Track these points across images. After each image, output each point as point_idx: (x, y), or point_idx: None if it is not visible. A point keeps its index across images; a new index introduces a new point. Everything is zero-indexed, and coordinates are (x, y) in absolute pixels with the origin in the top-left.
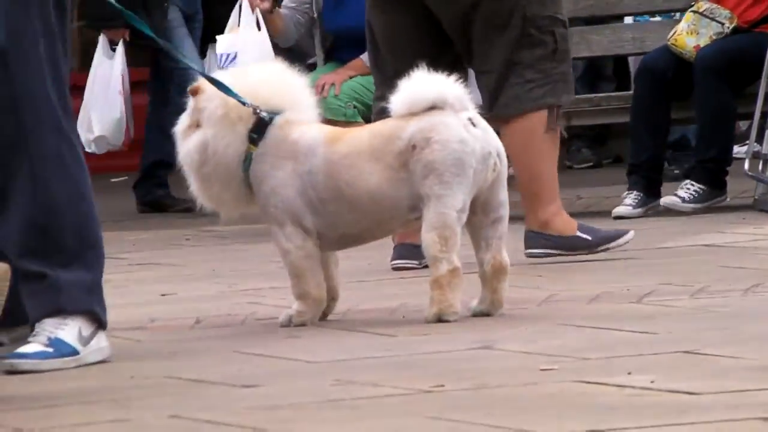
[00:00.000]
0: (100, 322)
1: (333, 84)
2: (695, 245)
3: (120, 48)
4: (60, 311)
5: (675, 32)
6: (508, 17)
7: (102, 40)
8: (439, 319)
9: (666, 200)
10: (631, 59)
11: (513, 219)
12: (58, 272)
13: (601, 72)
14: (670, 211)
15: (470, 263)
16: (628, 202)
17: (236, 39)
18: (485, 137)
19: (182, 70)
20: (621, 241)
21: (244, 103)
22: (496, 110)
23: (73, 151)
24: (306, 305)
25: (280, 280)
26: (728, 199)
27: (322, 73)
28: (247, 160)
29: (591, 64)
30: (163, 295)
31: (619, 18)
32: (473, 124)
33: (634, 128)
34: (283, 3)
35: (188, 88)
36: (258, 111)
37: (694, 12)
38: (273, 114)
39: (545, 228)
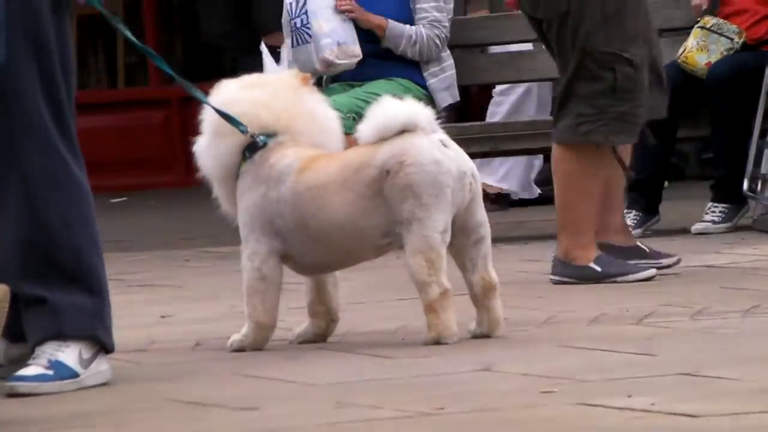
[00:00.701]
0: (102, 346)
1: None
2: (695, 266)
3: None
4: (60, 335)
5: (684, 50)
6: (571, 46)
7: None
8: (438, 343)
9: (698, 227)
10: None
11: (511, 240)
12: (58, 295)
13: None
14: (668, 231)
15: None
16: (628, 223)
17: None
18: (459, 158)
19: None
20: (631, 277)
21: (242, 131)
22: (553, 133)
23: (67, 170)
24: (250, 329)
25: (282, 301)
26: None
27: (332, 97)
28: (238, 174)
29: None
30: (162, 316)
31: None
32: (445, 146)
33: (637, 145)
34: None
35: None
36: (253, 136)
37: (702, 28)
38: (270, 136)
39: (565, 256)
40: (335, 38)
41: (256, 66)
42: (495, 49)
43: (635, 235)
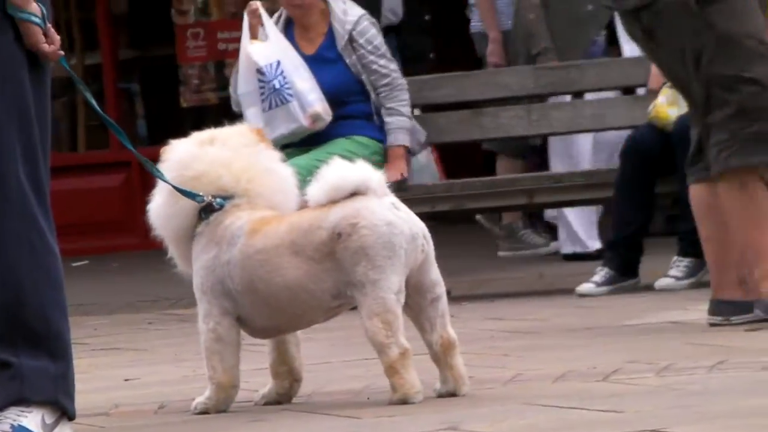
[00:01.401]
0: (64, 411)
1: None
2: (661, 322)
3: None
4: (23, 400)
5: (654, 106)
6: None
7: None
8: (404, 402)
9: (661, 283)
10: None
11: (475, 298)
12: (23, 360)
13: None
14: (635, 289)
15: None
16: (595, 279)
17: (270, 47)
18: (411, 219)
19: None
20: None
21: (198, 201)
22: (692, 173)
23: (42, 237)
24: (212, 391)
25: (245, 363)
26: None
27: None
28: (193, 235)
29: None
30: (126, 380)
31: (579, 95)
32: (396, 208)
33: (616, 205)
34: None
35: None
36: (211, 199)
37: (670, 87)
38: (227, 198)
39: (714, 293)
40: (318, 95)
41: None
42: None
43: (599, 293)
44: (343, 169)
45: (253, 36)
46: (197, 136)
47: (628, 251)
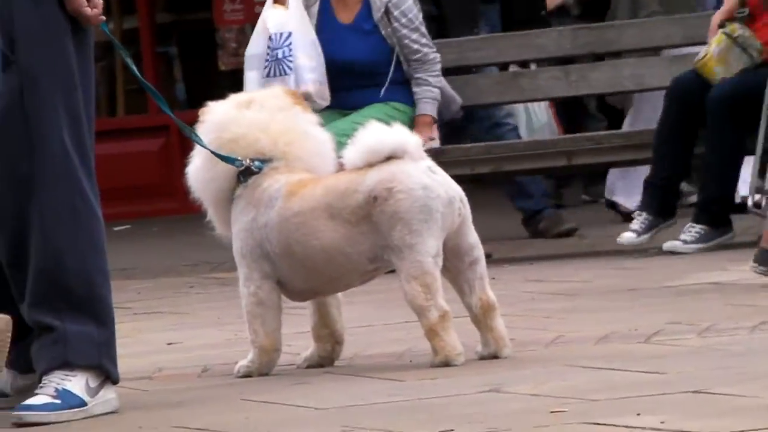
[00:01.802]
0: (108, 375)
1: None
2: (701, 283)
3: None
4: (67, 364)
5: (705, 55)
6: None
7: None
8: (446, 365)
9: (668, 245)
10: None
11: (515, 260)
12: (66, 324)
13: (586, 109)
14: (674, 232)
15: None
16: (634, 227)
17: (288, 17)
18: (447, 183)
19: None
20: None
21: (237, 166)
22: None
23: (86, 202)
24: (255, 355)
25: (287, 326)
26: (734, 237)
27: (329, 123)
28: (233, 198)
29: (574, 101)
30: (169, 344)
31: (618, 54)
32: (433, 172)
33: (656, 148)
34: None
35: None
36: (250, 163)
37: (728, 36)
38: (265, 161)
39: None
40: (318, 76)
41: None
42: None
43: (640, 242)
44: (379, 133)
45: (280, 2)
46: (235, 98)
47: (665, 193)
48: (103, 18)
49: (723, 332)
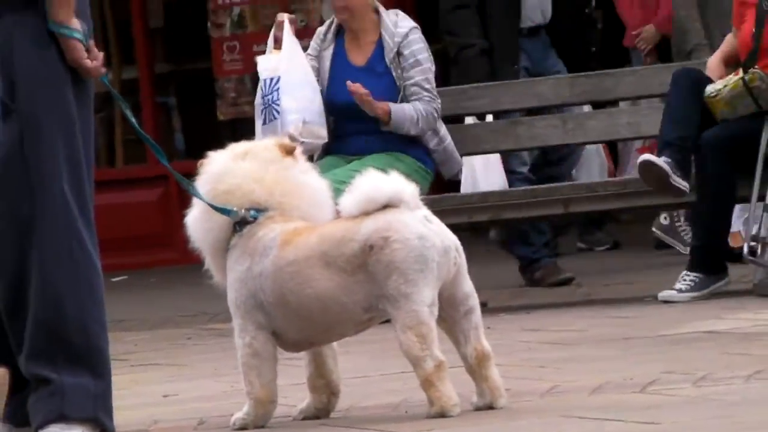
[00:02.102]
0: (104, 428)
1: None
2: (696, 332)
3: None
4: (63, 417)
5: (717, 94)
6: None
7: None
8: (442, 416)
9: (663, 294)
10: (620, 144)
11: (512, 309)
12: (63, 377)
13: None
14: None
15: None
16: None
17: (278, 61)
18: (443, 232)
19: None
20: None
21: (232, 217)
22: None
23: (84, 250)
24: (250, 407)
25: (283, 377)
26: (729, 282)
27: (326, 168)
28: (228, 248)
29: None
30: (165, 396)
31: (615, 103)
32: (428, 221)
33: (664, 123)
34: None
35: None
36: (245, 213)
37: (745, 85)
38: (260, 211)
39: None
40: (302, 116)
41: None
42: None
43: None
44: (376, 181)
45: (278, 48)
46: (232, 150)
47: (681, 151)
48: (104, 71)
49: (719, 381)
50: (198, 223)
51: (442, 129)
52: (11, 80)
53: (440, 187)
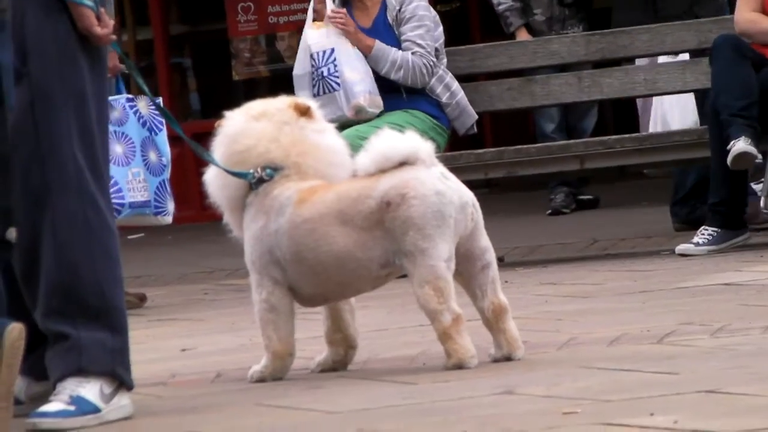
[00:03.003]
0: (122, 382)
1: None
2: (714, 284)
3: None
4: (81, 371)
5: None
6: None
7: None
8: (460, 368)
9: (681, 248)
10: (639, 101)
11: (528, 263)
12: (81, 332)
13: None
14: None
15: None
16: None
17: (327, 34)
18: (460, 189)
19: None
20: None
21: (246, 177)
22: None
23: (99, 213)
24: (269, 360)
25: (301, 331)
26: (749, 238)
27: (355, 126)
28: (244, 205)
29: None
30: (183, 350)
31: (631, 60)
32: (445, 178)
33: (718, 89)
34: None
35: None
36: (260, 173)
37: None
38: (276, 170)
39: None
40: (367, 87)
41: None
42: None
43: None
44: (392, 139)
45: (320, 19)
46: (248, 110)
47: (749, 119)
48: (114, 37)
49: (735, 332)
50: (215, 179)
51: (454, 84)
52: (23, 47)
53: (456, 145)
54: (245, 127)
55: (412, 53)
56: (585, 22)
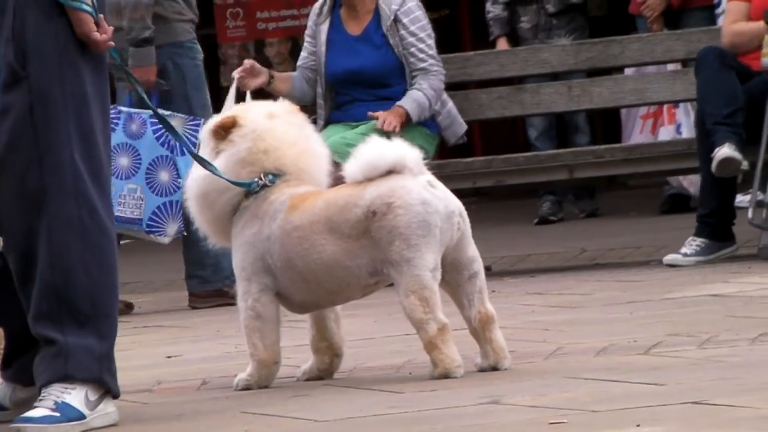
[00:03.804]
0: (108, 389)
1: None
2: (702, 295)
3: None
4: (67, 377)
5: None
6: None
7: None
8: (446, 377)
9: (669, 258)
10: (623, 111)
11: (515, 273)
12: (68, 338)
13: (574, 124)
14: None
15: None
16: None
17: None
18: (447, 197)
19: None
20: None
21: (249, 186)
22: None
23: (96, 218)
24: (254, 368)
25: (287, 339)
26: (737, 249)
27: (334, 133)
28: (237, 209)
29: (559, 117)
30: (168, 357)
31: (620, 69)
32: (432, 186)
33: (705, 98)
34: (297, 63)
35: (220, 122)
36: (264, 178)
37: None
38: (278, 176)
39: None
40: None
41: None
42: None
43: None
44: (379, 147)
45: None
46: (257, 109)
47: (734, 126)
48: (112, 44)
49: (723, 344)
50: (211, 185)
51: (444, 93)
52: (23, 50)
53: (445, 153)
54: (269, 126)
55: (426, 71)
56: (578, 32)
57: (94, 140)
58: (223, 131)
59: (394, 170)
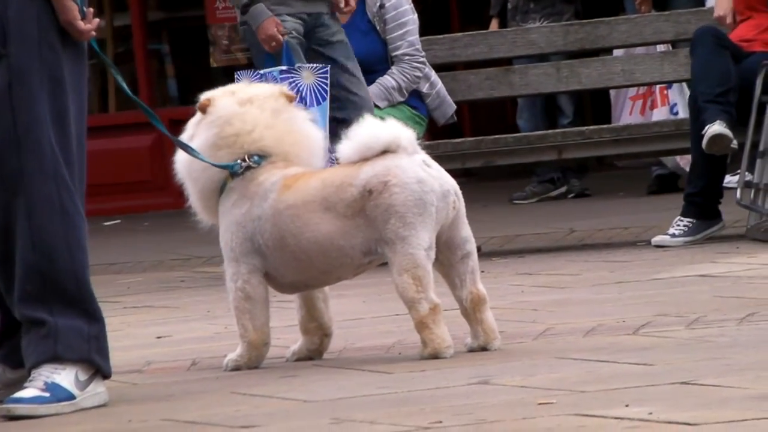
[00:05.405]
0: (98, 370)
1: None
2: (690, 275)
3: None
4: (57, 358)
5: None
6: None
7: None
8: (435, 357)
9: (656, 239)
10: (612, 92)
11: (505, 253)
12: (57, 319)
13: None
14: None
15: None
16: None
17: None
18: (442, 176)
19: None
20: None
21: (231, 168)
22: None
23: (72, 199)
24: (244, 349)
25: (276, 319)
26: (723, 227)
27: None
28: (223, 188)
29: (548, 98)
30: (158, 337)
31: (609, 51)
32: (427, 166)
33: (699, 66)
34: None
35: (197, 104)
36: (248, 159)
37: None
38: (264, 157)
39: None
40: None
41: None
42: None
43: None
44: (373, 128)
45: None
46: (235, 94)
47: (726, 105)
48: (94, 34)
49: (711, 324)
50: (192, 163)
51: (433, 74)
52: (5, 29)
53: (435, 134)
54: (239, 111)
55: (402, 60)
56: (554, 17)
57: (67, 123)
58: (202, 113)
59: (388, 150)
